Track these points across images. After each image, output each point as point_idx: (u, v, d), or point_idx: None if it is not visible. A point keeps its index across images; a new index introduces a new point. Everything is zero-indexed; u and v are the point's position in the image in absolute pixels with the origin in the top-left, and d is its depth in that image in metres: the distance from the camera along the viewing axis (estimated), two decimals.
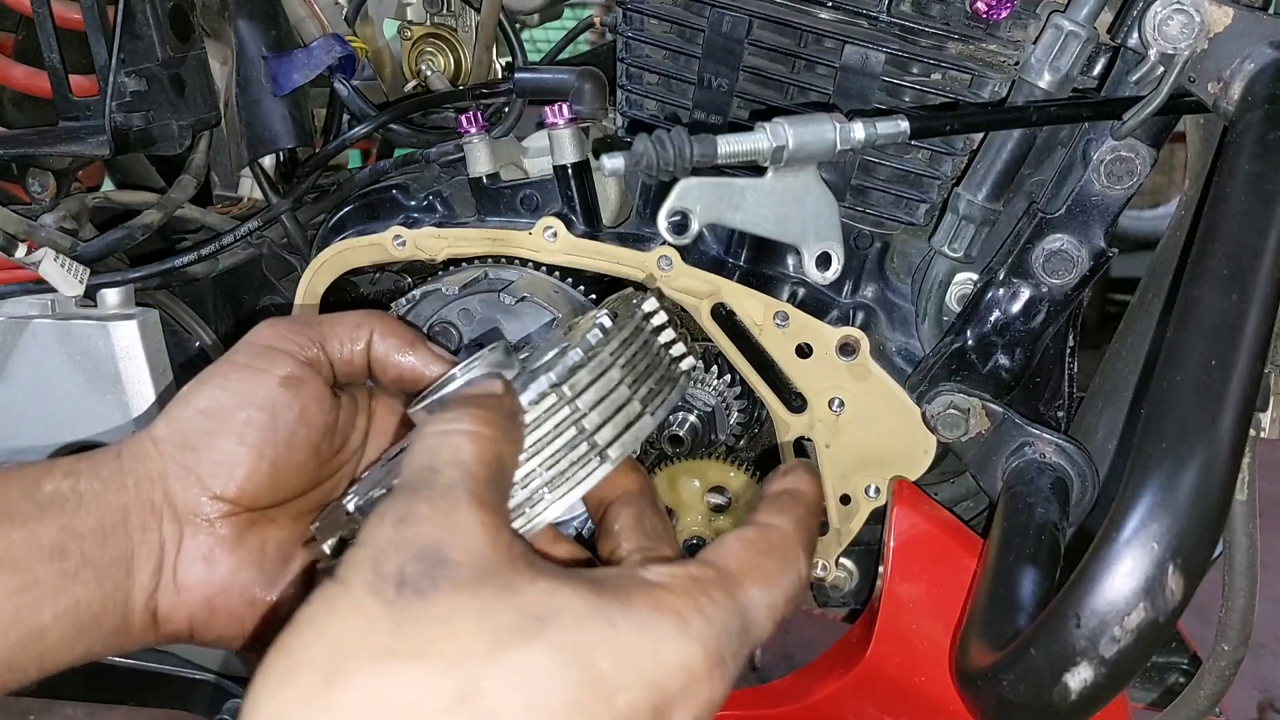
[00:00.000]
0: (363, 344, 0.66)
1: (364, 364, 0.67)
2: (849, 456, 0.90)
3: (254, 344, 0.63)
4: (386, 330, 0.67)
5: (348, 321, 0.66)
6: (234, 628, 0.63)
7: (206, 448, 0.60)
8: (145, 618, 0.60)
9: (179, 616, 0.61)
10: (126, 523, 0.59)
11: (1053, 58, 0.81)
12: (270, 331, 0.64)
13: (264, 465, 0.61)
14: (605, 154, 0.79)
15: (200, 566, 0.61)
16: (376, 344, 0.66)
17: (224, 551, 0.61)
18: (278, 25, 1.12)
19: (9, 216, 1.03)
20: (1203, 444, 0.59)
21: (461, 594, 0.41)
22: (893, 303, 0.96)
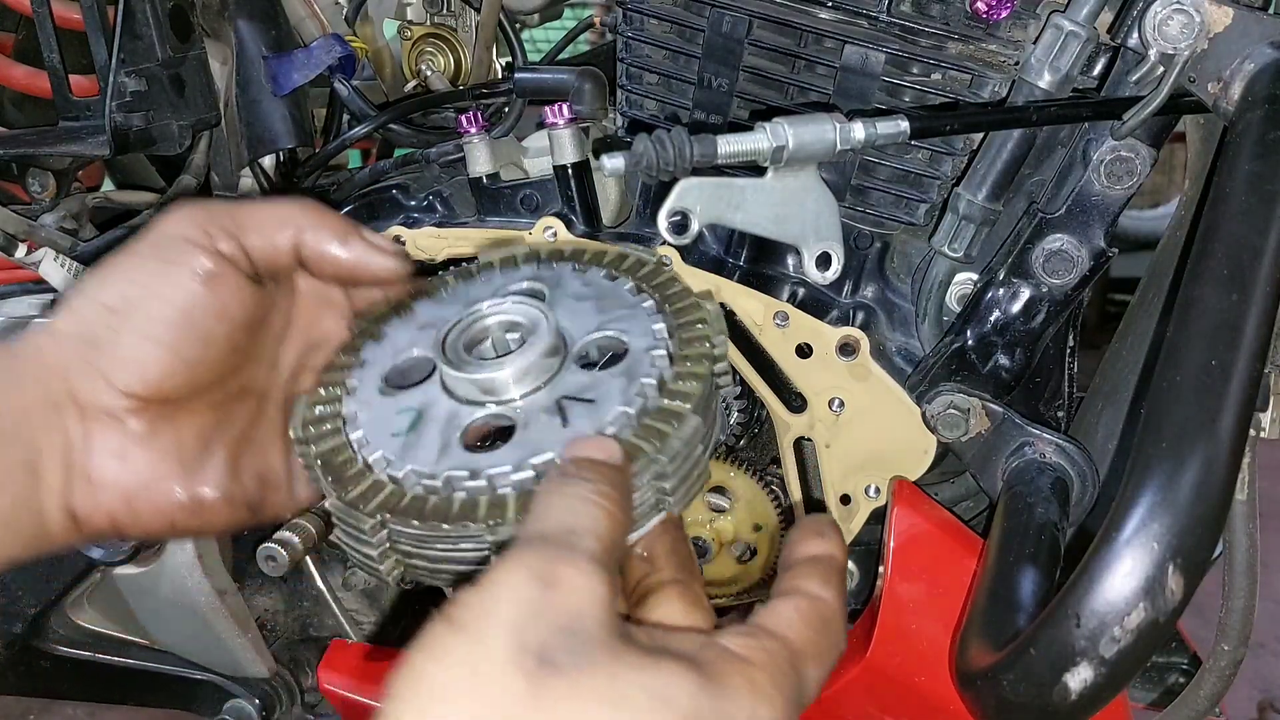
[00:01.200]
0: (288, 239, 0.62)
1: (291, 260, 0.63)
2: (849, 456, 0.90)
3: (165, 234, 0.59)
4: (315, 223, 0.62)
5: (271, 215, 0.62)
6: (159, 521, 0.60)
7: (112, 344, 0.57)
8: (63, 520, 0.58)
9: (99, 516, 0.59)
10: (26, 424, 0.56)
11: (1053, 58, 0.81)
12: (184, 221, 0.59)
13: (177, 362, 0.58)
14: (605, 154, 0.79)
15: (114, 464, 0.58)
16: (306, 239, 0.62)
17: (138, 447, 0.58)
18: (278, 25, 1.12)
19: (9, 216, 1.03)
20: (1203, 444, 0.59)
21: (599, 674, 0.42)
22: (893, 303, 0.96)
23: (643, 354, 0.61)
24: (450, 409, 0.60)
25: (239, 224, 0.60)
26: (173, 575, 1.06)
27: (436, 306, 0.68)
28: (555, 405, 0.60)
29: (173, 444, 0.60)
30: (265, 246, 0.61)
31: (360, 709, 1.02)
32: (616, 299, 0.66)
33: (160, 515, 0.60)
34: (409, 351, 0.65)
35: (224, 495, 0.62)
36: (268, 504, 0.65)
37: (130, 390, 0.57)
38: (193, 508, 0.61)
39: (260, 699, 1.14)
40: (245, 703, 1.14)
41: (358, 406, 0.62)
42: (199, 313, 0.58)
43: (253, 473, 0.64)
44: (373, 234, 0.65)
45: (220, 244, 0.59)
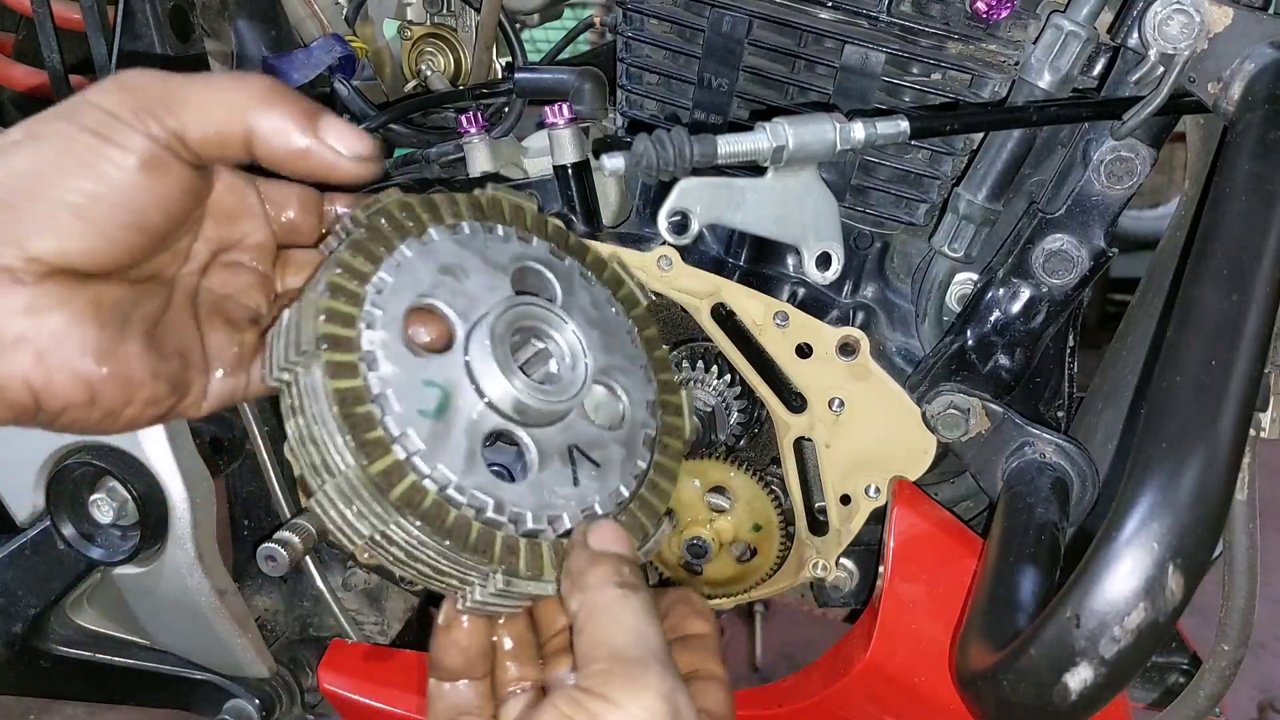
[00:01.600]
0: (238, 129, 0.55)
1: (240, 150, 0.56)
2: (849, 456, 0.90)
3: (103, 109, 0.53)
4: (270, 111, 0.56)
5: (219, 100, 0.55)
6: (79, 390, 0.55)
7: (34, 215, 0.52)
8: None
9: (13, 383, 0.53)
10: None
11: (1053, 58, 0.81)
12: (120, 98, 0.54)
13: (103, 243, 0.53)
14: (605, 154, 0.79)
15: (23, 320, 0.52)
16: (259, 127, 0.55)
17: (50, 304, 0.53)
18: (278, 25, 1.12)
19: None
20: (1203, 444, 0.59)
21: None
22: (893, 303, 0.96)
23: (638, 427, 0.65)
24: (474, 407, 0.58)
25: (178, 104, 0.54)
26: (173, 575, 1.06)
27: (454, 243, 0.62)
28: (568, 452, 0.61)
29: (89, 304, 0.54)
30: (204, 136, 0.55)
31: (360, 709, 1.02)
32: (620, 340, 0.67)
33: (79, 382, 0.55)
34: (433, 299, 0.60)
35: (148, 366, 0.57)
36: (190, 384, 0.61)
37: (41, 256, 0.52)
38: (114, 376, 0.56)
39: (260, 699, 1.14)
40: (245, 703, 1.14)
41: (379, 348, 0.56)
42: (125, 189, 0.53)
43: (173, 348, 0.60)
44: (341, 124, 0.58)
45: (153, 127, 0.54)
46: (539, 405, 0.59)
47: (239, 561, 1.17)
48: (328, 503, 0.55)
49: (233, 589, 1.10)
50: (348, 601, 1.18)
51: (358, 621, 1.18)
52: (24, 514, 1.11)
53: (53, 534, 1.07)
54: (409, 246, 0.60)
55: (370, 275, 0.58)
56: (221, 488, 1.16)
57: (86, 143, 0.53)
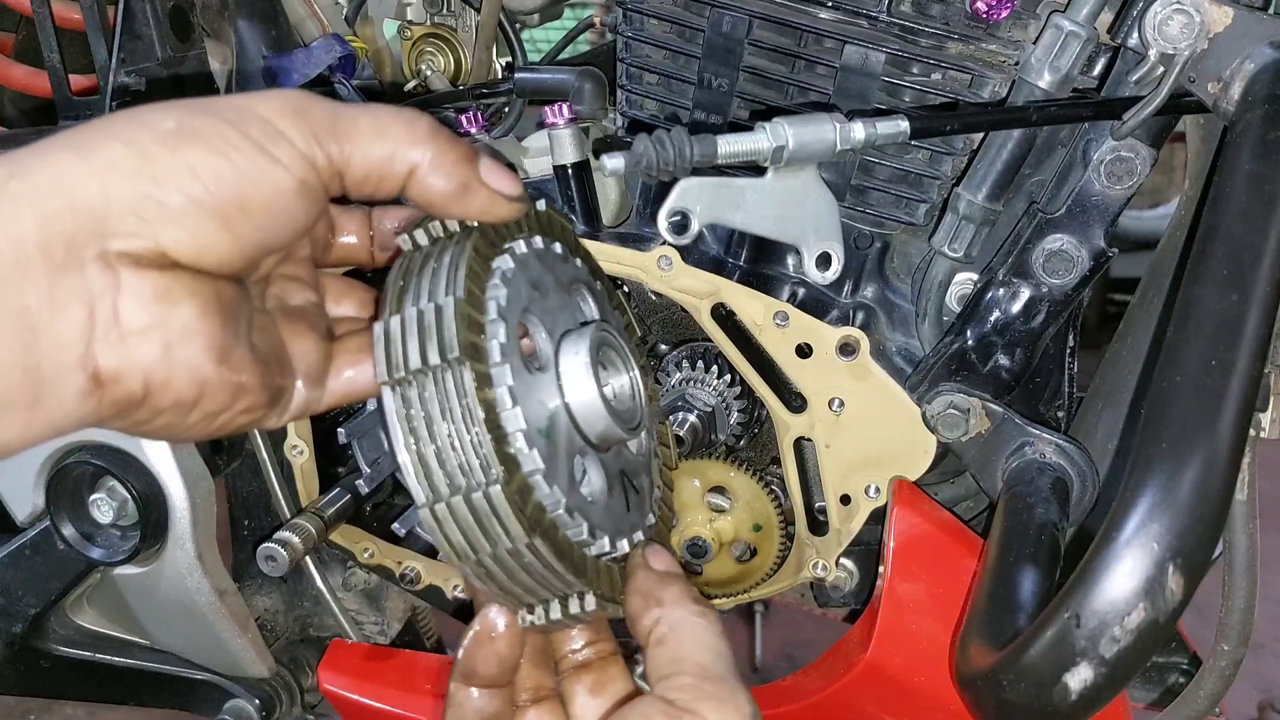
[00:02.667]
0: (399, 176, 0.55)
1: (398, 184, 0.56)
2: (849, 456, 0.90)
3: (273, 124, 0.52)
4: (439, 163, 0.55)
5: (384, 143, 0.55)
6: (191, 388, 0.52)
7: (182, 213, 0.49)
8: (82, 385, 0.48)
9: (131, 373, 0.49)
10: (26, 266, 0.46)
11: (1053, 58, 0.81)
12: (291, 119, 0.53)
13: (236, 254, 0.51)
14: (605, 154, 0.79)
15: (154, 307, 0.49)
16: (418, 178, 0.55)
17: (184, 291, 0.50)
18: (278, 25, 1.12)
19: None
20: (1203, 444, 0.59)
21: None
22: (893, 303, 0.96)
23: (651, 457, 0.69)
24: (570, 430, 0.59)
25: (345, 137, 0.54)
26: (173, 575, 1.06)
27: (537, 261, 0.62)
28: (620, 480, 0.63)
29: (215, 302, 0.52)
30: (365, 173, 0.55)
31: (360, 709, 1.02)
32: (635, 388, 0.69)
33: (195, 381, 0.52)
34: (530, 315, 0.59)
35: (257, 368, 0.55)
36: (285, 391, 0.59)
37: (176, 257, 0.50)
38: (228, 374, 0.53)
39: (260, 699, 1.14)
40: (245, 703, 1.14)
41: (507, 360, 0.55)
42: (274, 209, 0.52)
43: (272, 355, 0.58)
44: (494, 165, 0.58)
45: (318, 154, 0.53)
46: (618, 433, 0.61)
47: (239, 561, 1.17)
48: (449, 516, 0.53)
49: (233, 589, 1.10)
50: (348, 601, 1.18)
51: (358, 621, 1.18)
52: (24, 514, 1.11)
53: (53, 534, 1.07)
54: (508, 260, 0.59)
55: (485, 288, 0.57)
56: (221, 488, 1.16)
57: (248, 153, 0.51)
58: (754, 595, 1.03)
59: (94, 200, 0.47)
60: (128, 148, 0.49)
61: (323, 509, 0.96)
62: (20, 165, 0.48)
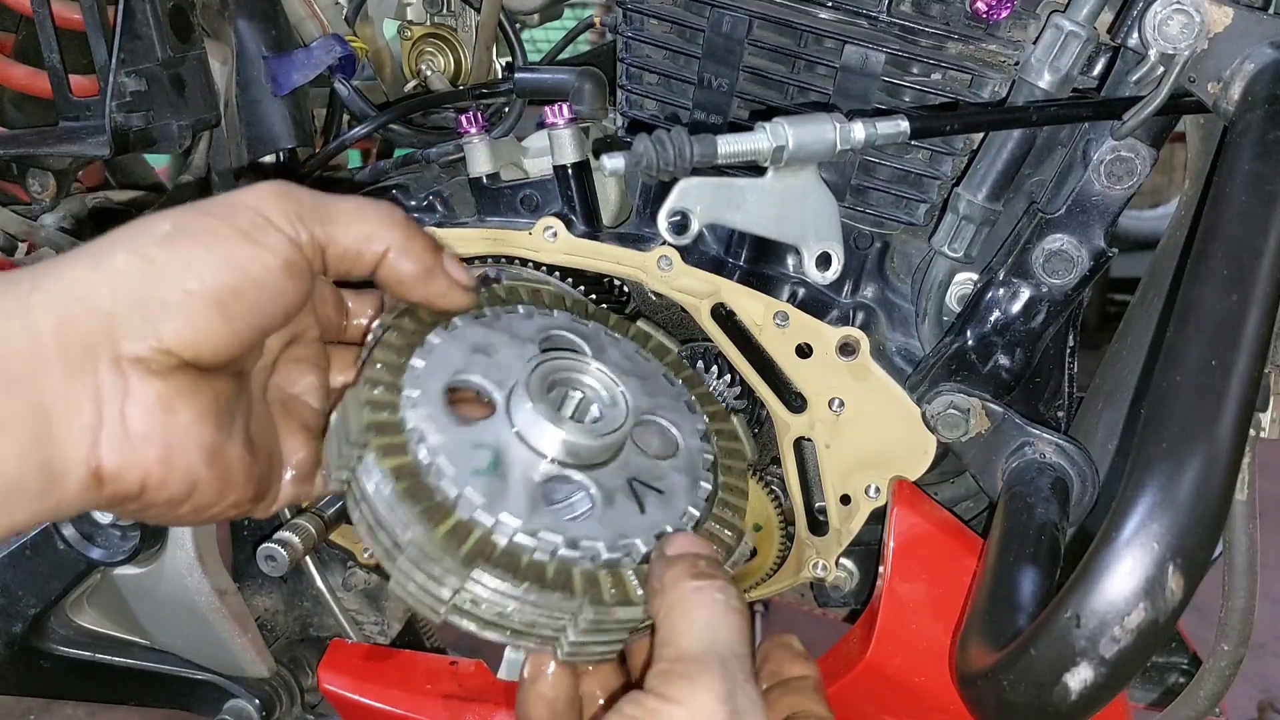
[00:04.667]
0: (374, 256, 0.61)
1: (370, 265, 0.61)
2: (849, 456, 0.90)
3: (259, 214, 0.57)
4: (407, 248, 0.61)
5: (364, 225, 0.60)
6: (185, 485, 0.56)
7: (180, 305, 0.53)
8: (85, 479, 0.53)
9: (131, 474, 0.54)
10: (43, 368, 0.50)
11: (1053, 58, 0.81)
12: (278, 207, 0.57)
13: (232, 338, 0.56)
14: (605, 154, 0.79)
15: (157, 413, 0.54)
16: (390, 261, 0.61)
17: (183, 399, 0.55)
18: (278, 25, 1.12)
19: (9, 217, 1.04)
20: (1203, 444, 0.59)
21: None
22: (893, 303, 0.96)
23: (696, 453, 0.66)
24: (528, 460, 0.60)
25: (327, 219, 0.59)
26: (173, 575, 1.06)
27: (480, 328, 0.67)
28: (628, 486, 0.62)
29: (211, 400, 0.56)
30: (349, 255, 0.60)
31: (360, 709, 1.02)
32: (656, 382, 0.69)
33: (189, 480, 0.56)
34: (467, 375, 0.63)
35: (245, 467, 0.60)
36: (271, 486, 0.63)
37: (179, 351, 0.54)
38: (221, 475, 0.58)
39: (260, 699, 1.14)
40: (245, 703, 1.14)
41: (424, 423, 0.59)
42: (270, 298, 0.56)
43: (263, 450, 0.62)
44: (455, 266, 0.64)
45: (303, 234, 0.58)
46: (585, 442, 0.61)
47: (239, 561, 1.17)
48: (404, 577, 0.56)
49: (233, 589, 1.10)
50: (348, 601, 1.18)
51: (358, 621, 1.18)
52: None
53: (53, 534, 1.07)
54: (436, 335, 0.65)
55: (404, 364, 0.62)
56: None
57: (237, 243, 0.55)
58: (754, 595, 1.03)
59: (104, 305, 0.52)
60: (131, 253, 0.54)
61: (323, 509, 0.96)
62: (41, 277, 0.52)
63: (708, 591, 0.55)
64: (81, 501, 0.54)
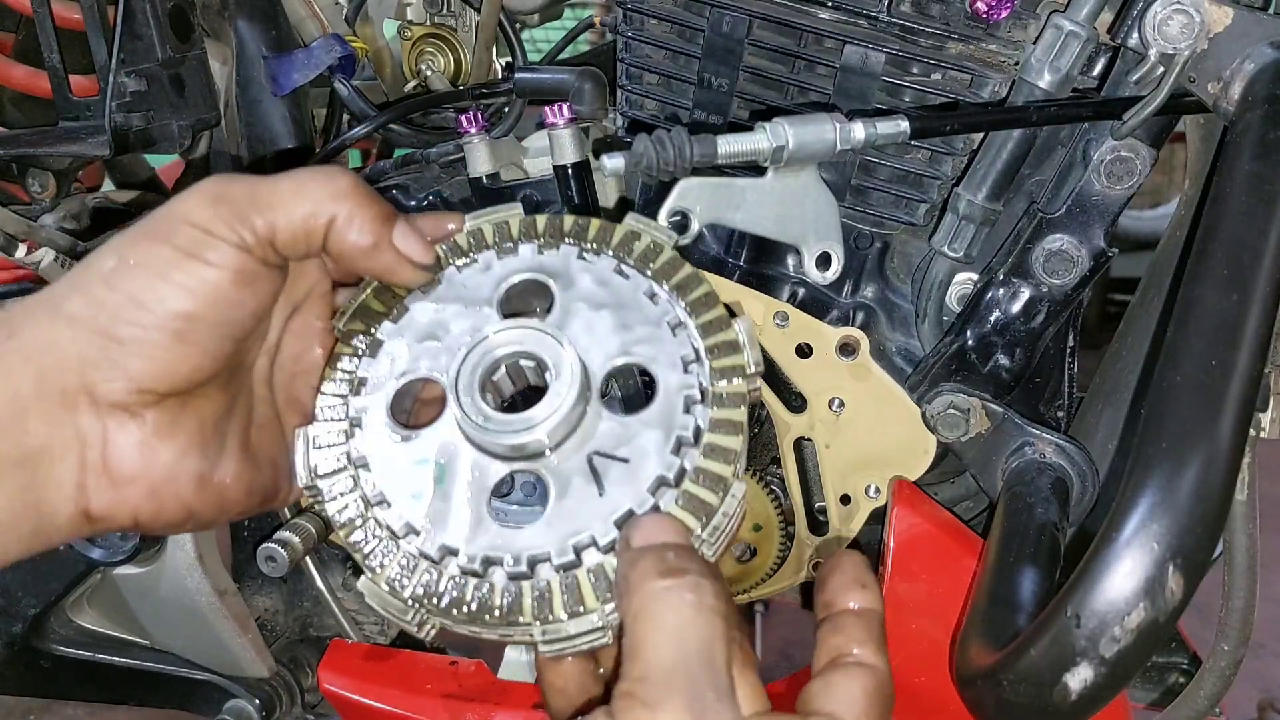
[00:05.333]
0: (318, 229, 0.57)
1: (316, 248, 0.58)
2: (849, 456, 0.90)
3: (193, 225, 0.54)
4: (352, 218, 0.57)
5: (304, 201, 0.57)
6: (180, 513, 0.57)
7: (138, 342, 0.53)
8: (74, 517, 0.54)
9: (121, 512, 0.55)
10: (23, 415, 0.52)
11: (1053, 58, 0.81)
12: (210, 212, 0.55)
13: (196, 354, 0.55)
14: (605, 154, 0.79)
15: (137, 457, 0.54)
16: (337, 230, 0.57)
17: (160, 439, 0.55)
18: (278, 25, 1.12)
19: (9, 216, 1.03)
20: (1203, 444, 0.59)
21: None
22: (893, 303, 0.96)
23: (675, 393, 0.57)
24: (475, 462, 0.57)
25: (266, 207, 0.56)
26: (173, 575, 1.06)
27: (432, 306, 0.62)
28: (587, 464, 0.56)
29: (195, 430, 0.57)
30: (292, 234, 0.57)
31: (360, 709, 1.02)
32: (635, 308, 0.60)
33: (182, 507, 0.57)
34: (415, 372, 0.60)
35: (242, 481, 0.60)
36: (281, 490, 0.64)
37: (153, 388, 0.54)
38: (214, 497, 0.58)
39: (260, 699, 1.14)
40: (245, 703, 1.14)
41: (368, 448, 0.59)
42: (221, 306, 0.55)
43: (265, 456, 0.62)
44: (408, 230, 0.60)
45: (245, 234, 0.55)
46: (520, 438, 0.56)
47: (239, 561, 1.17)
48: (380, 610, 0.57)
49: (233, 589, 1.10)
50: (348, 601, 1.18)
51: (358, 621, 1.18)
52: None
53: None
54: (385, 330, 0.62)
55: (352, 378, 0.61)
56: None
57: (181, 264, 0.54)
58: (754, 595, 1.03)
59: (71, 352, 0.53)
60: (83, 297, 0.54)
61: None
62: (14, 326, 0.53)
63: (676, 593, 0.49)
64: (74, 535, 0.55)
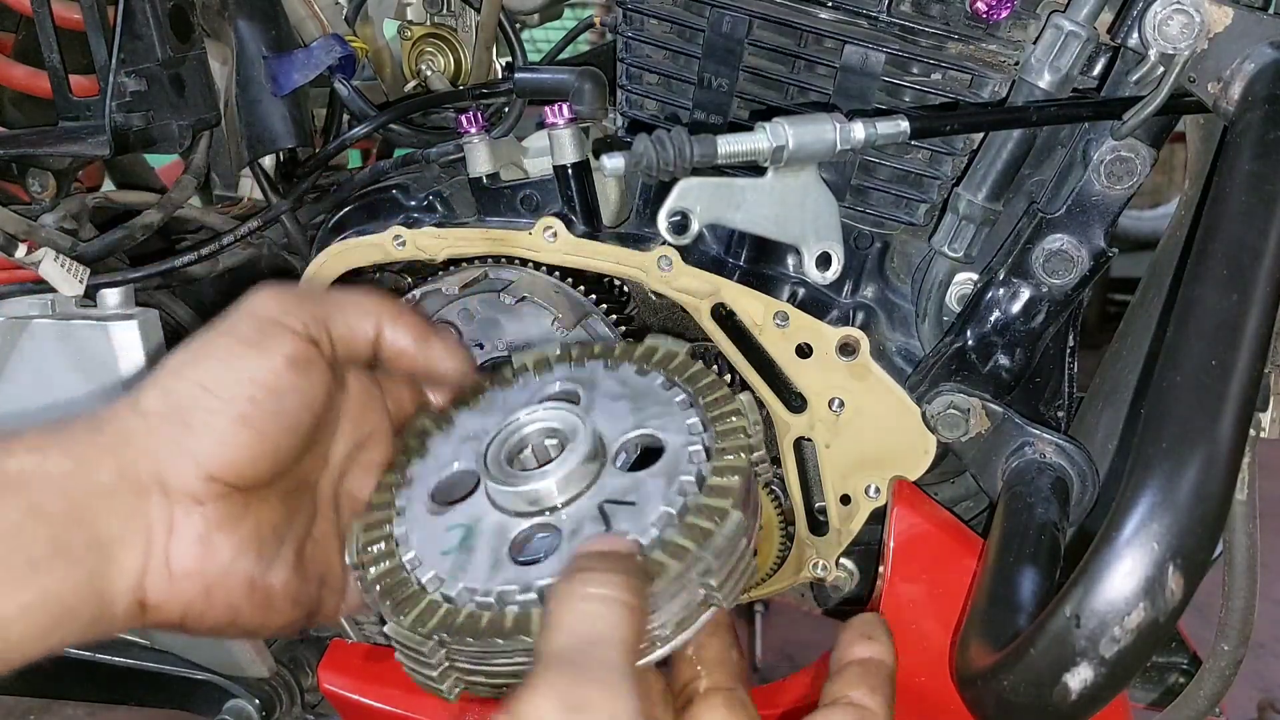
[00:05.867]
0: (370, 333, 0.63)
1: (368, 352, 0.64)
2: (849, 456, 0.90)
3: (257, 316, 0.60)
4: (397, 321, 0.64)
5: (356, 306, 0.63)
6: (227, 615, 0.59)
7: (206, 427, 0.56)
8: (130, 606, 0.56)
9: (172, 606, 0.57)
10: (105, 504, 0.54)
11: (1053, 58, 0.81)
12: (275, 304, 0.60)
13: (264, 446, 0.57)
14: (605, 154, 0.79)
15: (197, 550, 0.56)
16: (385, 335, 0.64)
17: (222, 534, 0.57)
18: (278, 25, 1.12)
19: (9, 216, 1.03)
20: (1203, 444, 0.59)
21: None
22: (893, 303, 0.96)
23: (680, 450, 0.63)
24: (498, 522, 0.61)
25: (325, 310, 0.62)
26: None
27: (476, 416, 0.70)
28: (599, 510, 0.61)
29: (253, 531, 0.59)
30: (348, 335, 0.62)
31: (360, 709, 1.02)
32: (650, 395, 0.67)
33: (230, 609, 0.59)
34: (452, 466, 0.66)
35: (290, 591, 0.61)
36: (325, 607, 0.66)
37: (220, 475, 0.57)
38: (262, 603, 0.60)
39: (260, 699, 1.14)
40: (245, 703, 1.14)
41: (408, 527, 0.64)
42: (287, 397, 0.58)
43: (315, 571, 0.64)
44: (445, 341, 0.67)
45: (310, 328, 0.60)
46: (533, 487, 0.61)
47: None
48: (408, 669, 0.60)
49: None
50: None
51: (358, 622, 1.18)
52: None
53: None
54: (432, 440, 0.69)
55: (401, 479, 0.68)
56: None
57: (243, 351, 0.58)
58: (754, 595, 1.03)
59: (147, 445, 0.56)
60: (157, 390, 0.58)
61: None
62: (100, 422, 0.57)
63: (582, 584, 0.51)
64: (127, 625, 0.56)
